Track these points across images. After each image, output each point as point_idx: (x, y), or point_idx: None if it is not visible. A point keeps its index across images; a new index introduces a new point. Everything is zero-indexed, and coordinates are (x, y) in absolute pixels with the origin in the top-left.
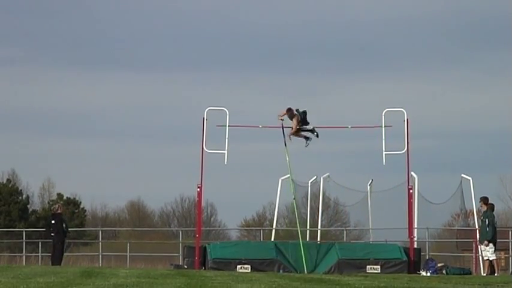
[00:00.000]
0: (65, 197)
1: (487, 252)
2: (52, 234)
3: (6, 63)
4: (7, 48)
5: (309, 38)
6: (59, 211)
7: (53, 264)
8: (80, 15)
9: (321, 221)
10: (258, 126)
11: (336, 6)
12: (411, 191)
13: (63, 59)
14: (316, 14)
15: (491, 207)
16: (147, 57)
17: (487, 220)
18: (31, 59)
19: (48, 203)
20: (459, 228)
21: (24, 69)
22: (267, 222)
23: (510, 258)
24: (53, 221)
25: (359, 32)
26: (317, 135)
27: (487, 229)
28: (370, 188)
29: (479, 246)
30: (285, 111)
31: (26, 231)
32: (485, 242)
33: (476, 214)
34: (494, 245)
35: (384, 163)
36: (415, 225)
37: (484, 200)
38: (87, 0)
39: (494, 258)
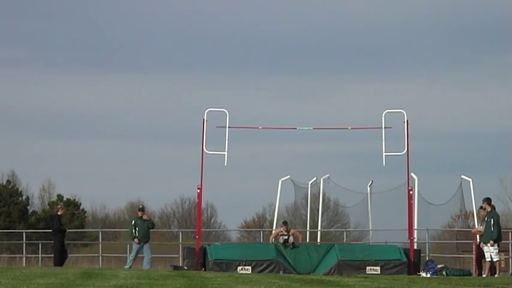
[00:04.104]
0: (65, 198)
1: (491, 253)
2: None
3: (7, 65)
4: (7, 50)
5: (309, 39)
6: (58, 213)
7: (54, 265)
8: (80, 17)
9: (321, 222)
10: (258, 128)
11: (336, 7)
12: (411, 192)
13: (63, 60)
14: (316, 16)
15: (494, 208)
16: (147, 58)
17: (492, 220)
18: (31, 61)
19: (48, 204)
20: (459, 229)
21: (25, 70)
22: (267, 224)
23: (510, 259)
24: (51, 223)
25: (359, 33)
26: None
27: (492, 229)
28: (370, 189)
29: (483, 247)
30: (283, 228)
31: (26, 232)
32: (491, 242)
33: (477, 215)
34: (498, 245)
35: (384, 164)
36: (415, 227)
37: (488, 200)
38: (87, 2)
39: (497, 259)
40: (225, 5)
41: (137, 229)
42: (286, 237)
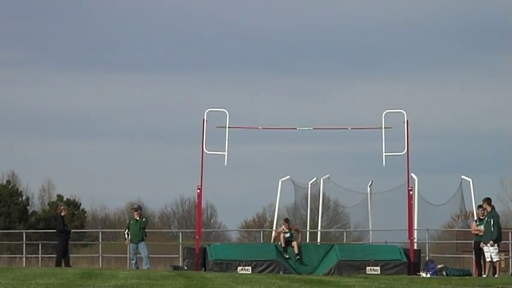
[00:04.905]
0: (64, 199)
1: (491, 253)
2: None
3: (7, 65)
4: (7, 50)
5: (309, 39)
6: (62, 213)
7: (55, 265)
8: (80, 17)
9: (321, 222)
10: (258, 128)
11: (336, 7)
12: (411, 192)
13: (63, 60)
14: (316, 16)
15: (493, 208)
16: (146, 58)
17: (492, 220)
18: (31, 61)
19: (48, 204)
20: (459, 229)
21: (24, 70)
22: (267, 224)
23: (510, 259)
24: (55, 223)
25: (359, 34)
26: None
27: (492, 229)
28: (370, 189)
29: (483, 247)
30: (285, 226)
31: (26, 232)
32: (491, 242)
33: (477, 215)
34: (498, 245)
35: (384, 164)
36: (415, 227)
37: (488, 201)
38: (87, 2)
39: (497, 259)
40: (225, 5)
41: (129, 229)
42: (288, 235)
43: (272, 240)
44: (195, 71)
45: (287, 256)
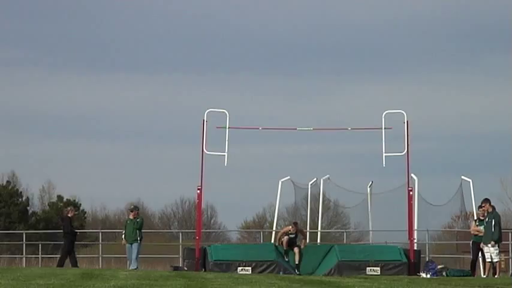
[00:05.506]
0: (64, 199)
1: (492, 253)
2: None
3: (7, 65)
4: (8, 50)
5: (309, 39)
6: (69, 215)
7: (57, 265)
8: (81, 17)
9: (321, 222)
10: (258, 128)
11: (336, 7)
12: (411, 192)
13: (64, 60)
14: (316, 16)
15: (494, 208)
16: (146, 59)
17: (493, 221)
18: (32, 61)
19: (48, 205)
20: (459, 230)
21: (25, 70)
22: (267, 224)
23: (510, 260)
24: (63, 224)
25: (359, 34)
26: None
27: (493, 229)
28: (370, 189)
29: (483, 247)
30: (292, 228)
31: (26, 233)
32: (492, 243)
33: (477, 216)
34: (498, 246)
35: (384, 165)
36: (415, 227)
37: (488, 201)
38: (88, 2)
39: (498, 260)
40: (224, 5)
41: (125, 230)
42: (293, 235)
43: (275, 240)
44: (195, 71)
45: (287, 259)
